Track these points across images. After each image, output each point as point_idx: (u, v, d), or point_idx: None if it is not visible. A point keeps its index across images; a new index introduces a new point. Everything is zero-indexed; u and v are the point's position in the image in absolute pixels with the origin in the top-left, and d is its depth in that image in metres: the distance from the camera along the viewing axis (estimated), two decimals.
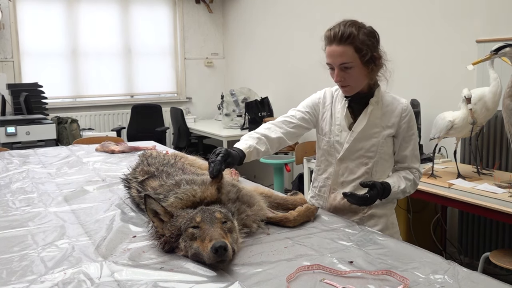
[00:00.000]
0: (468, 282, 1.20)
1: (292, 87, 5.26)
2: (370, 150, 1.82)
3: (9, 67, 5.51)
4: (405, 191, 1.83)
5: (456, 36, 3.44)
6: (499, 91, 2.65)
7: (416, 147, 1.87)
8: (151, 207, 1.43)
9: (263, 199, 1.69)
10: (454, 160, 2.92)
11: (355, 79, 1.75)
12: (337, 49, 1.71)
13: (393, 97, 1.86)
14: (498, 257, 2.59)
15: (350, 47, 1.70)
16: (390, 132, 1.83)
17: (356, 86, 1.78)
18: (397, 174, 1.86)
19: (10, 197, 2.08)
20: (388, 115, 1.82)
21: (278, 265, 1.30)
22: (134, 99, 6.34)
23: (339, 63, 1.72)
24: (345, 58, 1.71)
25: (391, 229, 1.89)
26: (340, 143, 1.85)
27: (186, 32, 6.52)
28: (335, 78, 1.76)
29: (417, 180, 1.88)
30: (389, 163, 1.89)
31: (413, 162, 1.87)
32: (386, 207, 1.89)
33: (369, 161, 1.83)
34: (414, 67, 3.79)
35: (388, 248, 1.44)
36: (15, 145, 4.34)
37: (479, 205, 2.46)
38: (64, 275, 1.25)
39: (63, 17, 5.80)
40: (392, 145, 1.86)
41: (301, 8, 5.08)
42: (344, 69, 1.73)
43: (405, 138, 1.84)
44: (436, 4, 3.58)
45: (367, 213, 1.86)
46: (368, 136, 1.82)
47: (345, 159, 1.85)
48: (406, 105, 1.83)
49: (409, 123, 1.83)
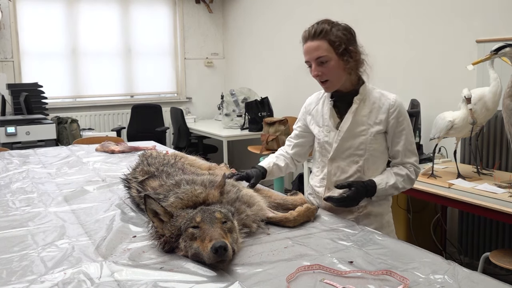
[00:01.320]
0: (468, 282, 1.20)
1: (292, 87, 5.26)
2: (359, 148, 1.83)
3: (9, 67, 5.51)
4: (396, 187, 1.83)
5: (456, 36, 3.44)
6: (499, 91, 2.65)
7: (410, 141, 1.85)
8: (151, 207, 1.43)
9: (263, 199, 1.69)
10: (454, 160, 2.92)
11: (333, 73, 1.78)
12: (312, 44, 1.77)
13: (381, 93, 1.86)
14: (498, 257, 2.59)
15: (324, 41, 1.76)
16: (379, 128, 1.82)
17: (335, 81, 1.81)
18: (388, 170, 1.87)
19: (10, 197, 2.08)
20: (375, 112, 1.83)
21: (278, 265, 1.30)
22: (134, 99, 6.34)
23: (315, 57, 1.77)
24: (320, 52, 1.76)
25: (387, 228, 1.90)
26: (329, 143, 1.88)
27: (186, 32, 6.52)
28: (313, 73, 1.80)
29: (412, 175, 1.86)
30: (382, 160, 1.88)
31: (407, 157, 1.85)
32: (382, 206, 1.89)
33: (360, 159, 1.84)
34: (414, 67, 3.79)
35: (388, 248, 1.44)
36: (15, 145, 4.34)
37: (479, 205, 2.46)
38: (64, 275, 1.25)
39: (63, 17, 5.80)
40: (383, 141, 1.86)
41: (301, 8, 5.08)
42: (321, 63, 1.77)
43: (395, 134, 1.84)
44: (436, 4, 3.58)
45: (362, 212, 1.86)
46: (355, 134, 1.83)
47: (336, 159, 1.88)
48: (393, 101, 1.83)
49: (397, 118, 1.82)
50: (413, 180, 1.87)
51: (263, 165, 1.95)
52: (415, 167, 1.87)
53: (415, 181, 1.91)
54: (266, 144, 4.71)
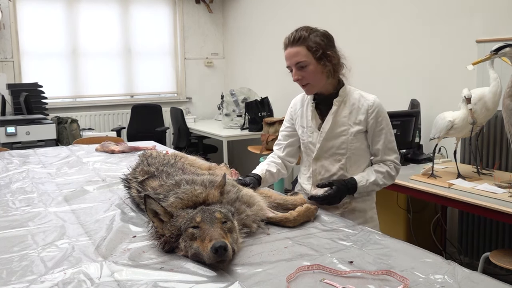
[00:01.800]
0: (468, 282, 1.20)
1: (292, 87, 5.24)
2: (341, 147, 1.93)
3: (9, 67, 5.51)
4: (377, 184, 1.93)
5: (456, 36, 3.44)
6: (499, 91, 2.64)
7: (390, 140, 1.95)
8: (151, 207, 1.43)
9: (263, 199, 1.69)
10: (454, 160, 2.92)
11: (312, 77, 1.88)
12: (291, 50, 1.89)
13: (360, 95, 1.95)
14: (498, 257, 2.59)
15: (302, 47, 1.87)
16: (359, 128, 1.92)
17: (315, 84, 1.91)
18: (369, 168, 1.97)
19: (10, 197, 2.08)
20: (355, 113, 1.92)
21: (278, 265, 1.30)
22: (134, 99, 6.34)
23: (295, 62, 1.88)
24: (299, 57, 1.87)
25: (370, 223, 1.99)
26: (313, 143, 1.99)
27: (186, 32, 6.52)
28: (293, 78, 1.91)
29: (392, 172, 1.96)
30: (364, 158, 1.98)
31: (387, 154, 1.95)
32: (365, 202, 2.00)
33: (342, 158, 1.94)
34: (414, 67, 3.79)
35: (388, 248, 1.44)
36: (15, 145, 4.34)
37: (479, 205, 2.46)
38: (64, 275, 1.25)
39: (63, 17, 5.80)
40: (364, 140, 1.95)
41: (301, 8, 5.08)
42: (300, 68, 1.88)
43: (375, 133, 1.93)
44: (436, 4, 3.58)
45: (347, 208, 1.97)
46: (336, 134, 1.94)
47: (319, 158, 1.98)
48: (372, 102, 1.92)
49: (376, 118, 1.91)
50: (393, 176, 1.98)
51: (257, 172, 1.99)
52: (395, 164, 1.97)
53: (396, 178, 2.00)
54: (266, 144, 4.71)
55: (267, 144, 4.69)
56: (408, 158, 3.42)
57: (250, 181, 1.89)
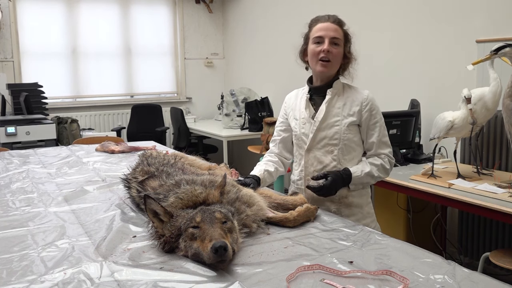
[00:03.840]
0: (468, 282, 1.20)
1: (292, 87, 5.25)
2: (333, 138, 1.95)
3: (9, 67, 5.51)
4: (372, 175, 1.95)
5: (456, 36, 3.44)
6: (499, 91, 2.64)
7: (384, 133, 1.98)
8: (150, 207, 1.43)
9: (263, 199, 1.69)
10: (454, 160, 2.92)
11: (337, 58, 1.94)
12: (332, 25, 1.94)
13: (355, 89, 2.01)
14: (498, 257, 2.59)
15: (341, 30, 1.96)
16: (352, 120, 1.94)
17: (334, 66, 1.96)
18: (363, 160, 1.99)
19: (10, 197, 2.08)
20: (349, 105, 1.96)
21: (278, 265, 1.30)
22: (134, 99, 6.34)
23: (332, 36, 1.92)
24: (337, 34, 1.94)
25: (368, 218, 2.01)
26: (305, 134, 2.01)
27: (186, 32, 6.52)
28: (325, 47, 1.91)
29: (386, 165, 1.98)
30: (357, 152, 2.00)
31: (381, 148, 1.98)
32: (362, 197, 2.01)
33: (334, 149, 1.96)
34: (414, 67, 3.79)
35: (388, 248, 1.44)
36: (15, 145, 4.34)
37: (479, 205, 2.46)
38: (64, 275, 1.25)
39: (63, 17, 5.80)
40: (357, 133, 1.97)
41: (301, 8, 5.08)
42: (333, 44, 1.93)
43: (369, 127, 1.96)
44: (436, 4, 3.58)
45: (343, 203, 1.97)
46: (330, 124, 1.96)
47: (312, 149, 2.00)
48: (366, 95, 1.96)
49: (371, 112, 1.95)
50: (387, 170, 2.00)
51: (255, 173, 2.01)
52: (389, 158, 1.99)
53: (390, 172, 2.02)
54: (266, 144, 4.71)
55: (267, 144, 4.68)
56: (408, 158, 3.42)
57: (250, 181, 1.89)
